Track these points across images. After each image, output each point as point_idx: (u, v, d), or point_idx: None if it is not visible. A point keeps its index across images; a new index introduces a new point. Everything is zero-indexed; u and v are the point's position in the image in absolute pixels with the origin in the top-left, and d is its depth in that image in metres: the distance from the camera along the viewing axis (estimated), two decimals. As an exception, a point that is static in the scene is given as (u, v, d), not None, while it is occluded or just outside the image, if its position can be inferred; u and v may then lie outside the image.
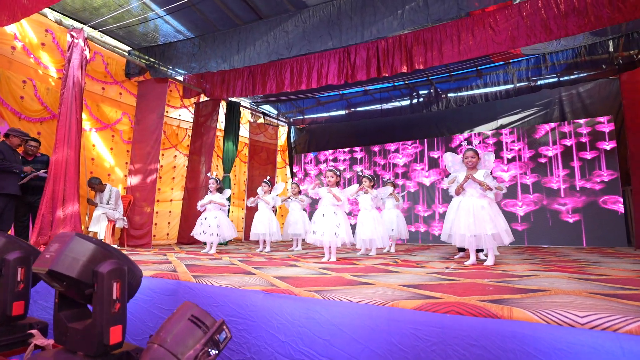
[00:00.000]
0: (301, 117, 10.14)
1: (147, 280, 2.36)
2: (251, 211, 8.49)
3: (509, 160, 7.72)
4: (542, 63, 7.03)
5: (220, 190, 5.00)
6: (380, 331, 1.56)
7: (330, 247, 3.76)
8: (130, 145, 6.46)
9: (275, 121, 9.80)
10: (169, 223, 7.23)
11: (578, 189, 6.93)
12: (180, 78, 7.04)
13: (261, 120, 9.34)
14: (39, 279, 1.82)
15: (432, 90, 8.46)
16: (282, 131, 10.28)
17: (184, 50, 5.95)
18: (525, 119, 7.94)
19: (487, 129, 8.22)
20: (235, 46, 5.47)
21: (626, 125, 5.83)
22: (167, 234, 7.20)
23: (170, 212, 7.25)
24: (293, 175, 10.21)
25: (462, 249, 4.25)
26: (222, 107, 7.76)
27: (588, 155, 6.93)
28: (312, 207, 8.34)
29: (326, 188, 3.85)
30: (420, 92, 8.67)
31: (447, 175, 4.11)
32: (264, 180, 5.46)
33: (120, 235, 6.04)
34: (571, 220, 6.85)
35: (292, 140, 10.59)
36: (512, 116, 8.05)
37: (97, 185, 5.51)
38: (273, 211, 5.60)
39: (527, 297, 1.71)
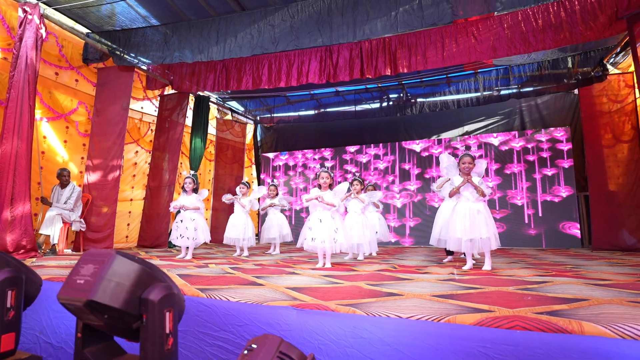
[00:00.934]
0: (269, 115, 9.86)
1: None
2: (217, 212, 8.09)
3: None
4: (507, 74, 7.41)
5: (196, 190, 4.64)
6: (445, 350, 1.44)
7: (325, 253, 3.61)
8: (88, 138, 5.82)
9: (243, 119, 9.42)
10: (128, 225, 6.64)
11: (539, 198, 7.35)
12: (145, 67, 6.50)
13: (228, 117, 8.93)
14: (31, 302, 1.49)
15: (402, 95, 8.61)
16: (250, 129, 9.93)
17: (154, 38, 5.48)
18: (489, 127, 8.33)
19: (453, 134, 8.51)
20: (214, 37, 5.12)
21: (584, 136, 6.29)
22: (127, 237, 6.61)
23: (129, 212, 6.66)
24: (259, 174, 9.89)
25: (450, 253, 4.29)
26: (189, 102, 7.26)
27: (548, 172, 7.38)
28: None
29: (317, 193, 3.68)
30: (391, 96, 8.80)
31: (438, 177, 4.11)
32: (243, 181, 5.16)
33: (75, 238, 5.42)
34: (532, 225, 7.27)
35: (258, 139, 10.26)
36: (476, 123, 8.40)
37: (66, 178, 4.92)
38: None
39: (575, 308, 1.69)
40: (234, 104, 9.39)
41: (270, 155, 9.88)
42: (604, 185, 6.09)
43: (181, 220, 4.38)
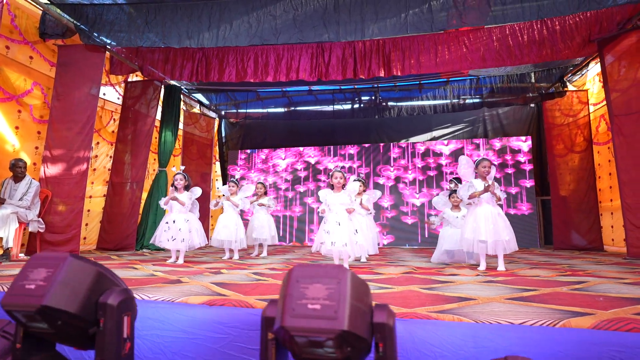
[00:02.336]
0: (235, 110, 9.41)
1: (207, 311, 1.80)
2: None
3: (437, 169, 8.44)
4: (475, 84, 7.86)
5: (187, 188, 4.23)
6: (581, 358, 1.43)
7: (341, 257, 3.49)
8: (44, 125, 5.06)
9: (208, 112, 8.89)
10: (86, 225, 5.88)
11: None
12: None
13: (196, 110, 8.37)
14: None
15: (374, 97, 8.74)
16: (215, 124, 9.39)
17: (132, 17, 4.92)
18: (455, 133, 8.78)
19: (421, 139, 8.84)
20: (206, 22, 4.73)
21: (547, 146, 6.88)
22: (84, 238, 5.85)
23: (88, 211, 5.91)
24: (225, 172, 9.40)
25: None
26: (147, 91, 6.53)
27: (509, 171, 7.97)
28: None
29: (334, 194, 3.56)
30: (363, 98, 8.88)
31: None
32: (231, 179, 4.81)
33: (28, 241, 4.67)
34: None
35: (223, 135, 9.77)
36: (444, 129, 8.81)
37: (21, 170, 4.20)
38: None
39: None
40: (199, 97, 8.82)
41: (240, 152, 9.45)
42: (560, 190, 6.73)
43: (173, 221, 3.96)
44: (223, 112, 9.54)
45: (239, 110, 9.38)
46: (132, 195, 5.91)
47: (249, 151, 9.45)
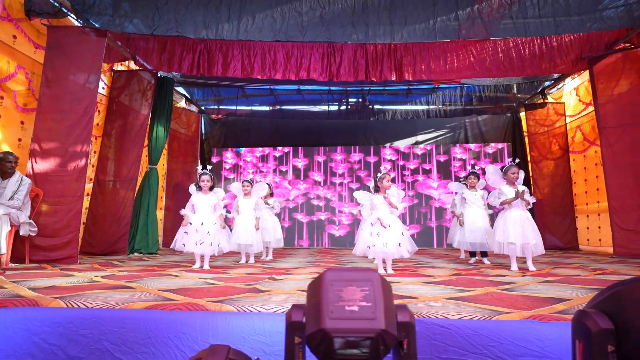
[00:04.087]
0: (216, 107, 9.02)
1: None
2: (170, 212, 7.08)
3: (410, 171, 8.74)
4: (460, 92, 8.24)
5: (212, 189, 3.96)
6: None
7: (385, 258, 3.48)
8: (30, 115, 4.48)
9: (193, 107, 8.43)
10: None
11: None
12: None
13: (181, 104, 7.88)
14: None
15: (361, 100, 8.83)
16: (195, 120, 8.91)
17: (140, 0, 4.52)
18: (437, 138, 9.13)
19: (406, 143, 9.08)
20: (225, 12, 4.47)
21: (529, 152, 7.39)
22: (67, 242, 5.24)
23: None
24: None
25: (473, 254, 4.58)
26: (138, 82, 6.01)
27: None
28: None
29: (381, 196, 3.54)
30: (350, 100, 8.94)
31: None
32: (246, 179, 4.57)
33: (13, 245, 4.08)
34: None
35: (203, 132, 9.30)
36: (428, 134, 9.13)
37: (11, 165, 3.66)
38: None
39: None
40: (180, 90, 8.32)
41: (223, 150, 9.06)
42: (536, 194, 7.26)
43: (201, 224, 3.67)
44: (203, 108, 9.08)
45: (220, 107, 9.01)
46: (123, 195, 5.42)
47: (231, 150, 9.09)
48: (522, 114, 8.04)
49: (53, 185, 4.26)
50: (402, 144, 9.04)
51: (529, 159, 8.00)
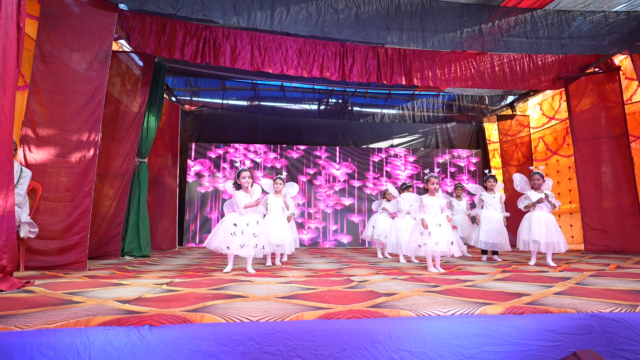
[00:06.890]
0: (190, 98, 8.43)
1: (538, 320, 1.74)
2: (151, 208, 6.43)
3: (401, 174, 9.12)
4: (435, 100, 8.75)
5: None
6: None
7: (434, 257, 3.59)
8: (24, 95, 3.77)
9: (173, 97, 7.77)
10: (49, 227, 4.54)
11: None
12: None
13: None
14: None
15: (341, 101, 8.93)
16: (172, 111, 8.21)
17: (159, -26, 4.06)
18: (410, 142, 9.59)
19: (382, 145, 9.39)
20: (258, 1, 4.22)
21: (503, 157, 8.13)
22: (47, 245, 4.50)
23: (52, 209, 4.57)
24: (183, 165, 8.29)
25: (484, 252, 4.89)
26: (116, 65, 5.36)
27: (465, 179, 9.10)
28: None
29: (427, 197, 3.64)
30: (330, 101, 8.97)
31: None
32: (279, 176, 4.36)
33: (4, 250, 3.40)
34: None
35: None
36: (402, 138, 9.54)
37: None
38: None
39: None
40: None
41: (195, 144, 8.48)
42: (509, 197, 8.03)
43: (247, 224, 3.40)
44: (174, 99, 8.41)
45: (194, 99, 8.45)
46: (115, 191, 4.82)
47: (204, 144, 8.56)
48: (486, 124, 8.81)
49: (53, 178, 3.64)
50: (378, 146, 9.32)
51: (492, 165, 8.80)
